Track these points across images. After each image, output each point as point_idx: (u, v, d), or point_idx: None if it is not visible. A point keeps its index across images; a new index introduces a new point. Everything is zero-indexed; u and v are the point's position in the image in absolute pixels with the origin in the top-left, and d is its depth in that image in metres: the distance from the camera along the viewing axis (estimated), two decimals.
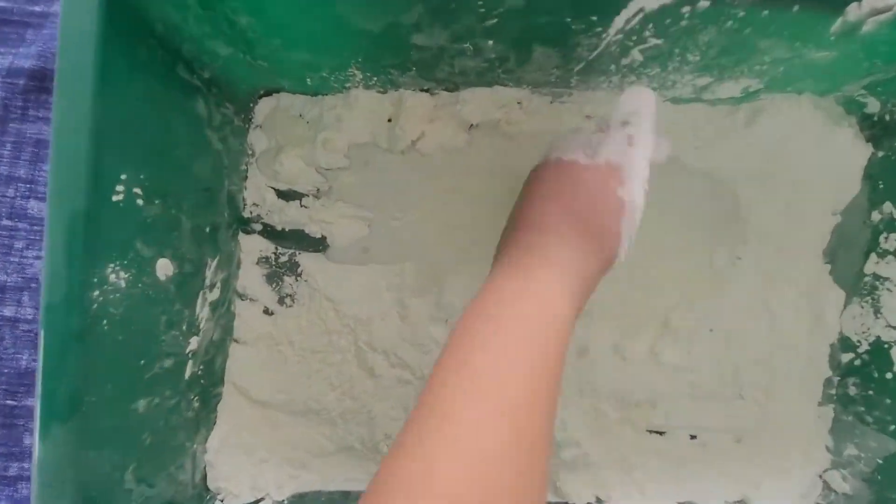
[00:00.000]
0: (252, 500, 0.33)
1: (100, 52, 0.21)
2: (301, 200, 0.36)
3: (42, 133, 0.37)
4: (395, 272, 0.36)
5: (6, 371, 0.35)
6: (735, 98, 0.34)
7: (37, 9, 0.37)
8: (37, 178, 0.37)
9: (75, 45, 0.21)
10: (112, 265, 0.23)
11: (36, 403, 0.21)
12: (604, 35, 0.26)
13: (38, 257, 0.36)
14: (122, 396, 0.24)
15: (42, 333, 0.21)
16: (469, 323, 0.23)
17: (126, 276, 0.24)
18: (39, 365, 0.21)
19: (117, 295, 0.23)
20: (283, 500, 0.33)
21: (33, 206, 0.36)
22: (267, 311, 0.35)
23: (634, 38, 0.27)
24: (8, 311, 0.35)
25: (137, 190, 0.24)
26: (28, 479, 0.35)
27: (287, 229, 0.36)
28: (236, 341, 0.35)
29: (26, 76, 0.36)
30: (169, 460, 0.28)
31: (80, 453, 0.22)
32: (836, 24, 0.25)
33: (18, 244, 0.36)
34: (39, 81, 0.37)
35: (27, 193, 0.36)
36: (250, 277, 0.35)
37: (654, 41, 0.27)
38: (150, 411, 0.26)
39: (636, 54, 0.28)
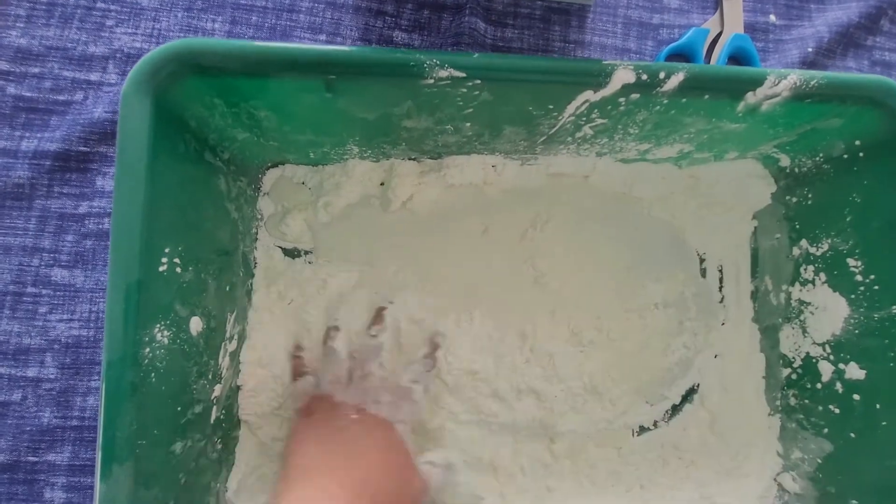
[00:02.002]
0: None
1: (150, 150, 0.26)
2: (305, 257, 0.40)
3: (65, 208, 0.40)
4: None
5: (28, 429, 0.38)
6: (673, 157, 0.41)
7: (60, 97, 0.42)
8: (60, 248, 0.40)
9: (132, 145, 0.26)
10: (159, 325, 0.27)
11: (98, 447, 0.24)
12: (559, 117, 0.33)
13: (60, 320, 0.39)
14: (164, 440, 0.28)
15: (103, 386, 0.25)
16: None
17: (168, 334, 0.28)
18: (101, 413, 0.24)
19: (162, 351, 0.27)
20: None
21: (56, 274, 0.40)
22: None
23: (584, 118, 0.33)
24: (31, 372, 0.38)
25: (177, 260, 0.29)
26: None
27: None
28: (239, 387, 0.38)
29: (51, 158, 0.40)
30: (198, 499, 0.31)
31: (133, 491, 0.25)
32: (741, 106, 0.32)
33: (42, 309, 0.39)
34: (64, 162, 0.41)
35: (51, 262, 0.40)
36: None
37: (599, 120, 0.33)
38: (184, 453, 0.30)
39: (587, 130, 0.35)
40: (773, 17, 0.46)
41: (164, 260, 0.27)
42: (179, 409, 0.29)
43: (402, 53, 0.27)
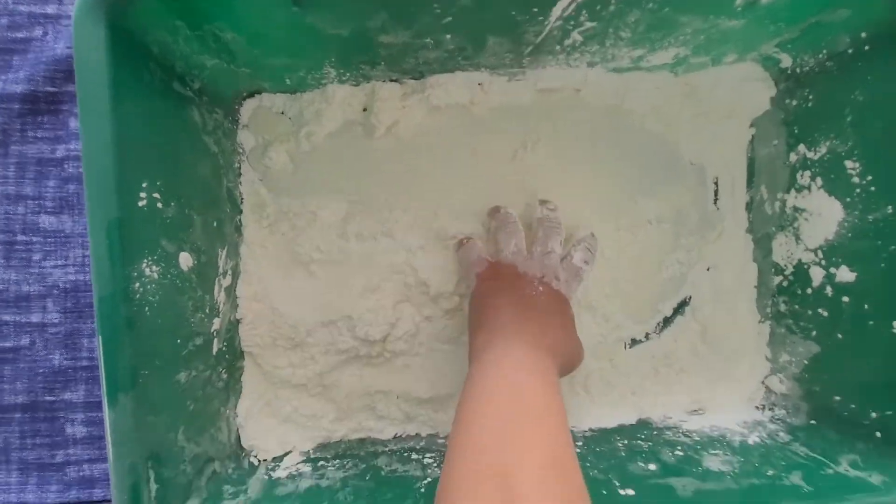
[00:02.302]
0: (281, 453, 0.38)
1: (111, 78, 0.25)
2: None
3: (42, 152, 0.40)
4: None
5: (41, 371, 0.39)
6: (668, 64, 0.38)
7: (19, 35, 0.39)
8: (44, 195, 0.40)
9: (90, 75, 0.25)
10: (146, 260, 0.27)
11: (101, 380, 0.25)
12: (545, 23, 0.31)
13: (55, 266, 0.40)
14: (167, 370, 0.29)
15: (98, 322, 0.25)
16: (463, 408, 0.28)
17: (157, 269, 0.28)
18: (99, 348, 0.25)
19: (153, 286, 0.27)
20: (308, 451, 0.39)
21: (44, 221, 0.40)
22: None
23: (572, 22, 0.31)
24: (35, 318, 0.39)
25: (156, 195, 0.28)
26: (73, 463, 0.39)
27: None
28: (239, 321, 0.39)
29: (19, 100, 0.39)
30: (209, 423, 0.33)
31: (140, 417, 0.26)
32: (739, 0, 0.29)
33: (36, 256, 0.39)
34: (32, 104, 0.39)
35: (37, 209, 0.39)
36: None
37: (589, 24, 0.31)
38: (189, 382, 0.31)
39: (576, 36, 0.33)
40: None
41: (143, 195, 0.27)
42: (179, 341, 0.30)
43: None
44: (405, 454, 0.38)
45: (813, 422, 0.38)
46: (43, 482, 0.39)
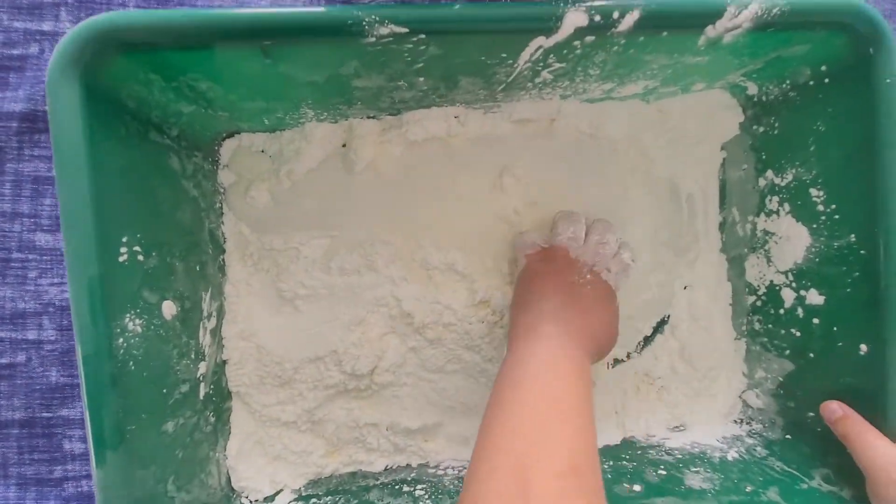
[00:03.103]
0: (272, 492, 0.38)
1: (87, 137, 0.25)
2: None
3: (39, 170, 0.39)
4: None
5: (38, 388, 0.39)
6: (639, 93, 0.40)
7: (15, 52, 0.39)
8: (40, 213, 0.39)
9: (66, 135, 0.25)
10: (129, 315, 0.27)
11: (88, 438, 0.25)
12: (515, 65, 0.31)
13: (51, 284, 0.39)
14: (154, 422, 0.29)
15: (83, 381, 0.25)
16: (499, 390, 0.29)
17: (140, 322, 0.28)
18: (85, 406, 0.25)
19: (136, 339, 0.28)
20: (300, 488, 0.39)
21: (40, 238, 0.39)
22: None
23: (541, 64, 0.32)
24: (31, 335, 0.39)
25: (137, 248, 0.28)
26: (71, 479, 0.39)
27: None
28: (225, 362, 0.39)
29: (18, 119, 0.38)
30: (199, 469, 0.33)
31: (129, 473, 0.26)
32: (701, 40, 0.30)
33: (31, 274, 0.39)
34: (31, 123, 0.39)
35: (33, 227, 0.39)
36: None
37: (557, 65, 0.32)
38: (177, 430, 0.31)
39: (546, 75, 0.33)
40: None
41: (124, 250, 0.27)
42: (165, 391, 0.30)
43: (337, 12, 0.25)
44: (396, 486, 0.38)
45: (788, 436, 0.39)
46: (41, 497, 0.39)
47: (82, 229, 0.25)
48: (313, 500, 0.37)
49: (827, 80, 0.34)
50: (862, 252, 0.32)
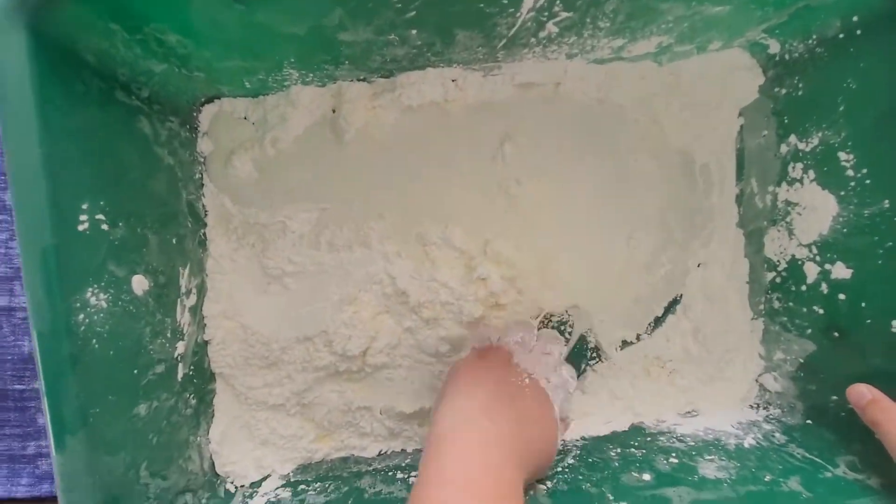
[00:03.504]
0: (259, 477, 0.36)
1: (37, 93, 0.23)
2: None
3: None
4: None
5: (10, 358, 0.37)
6: (652, 53, 0.36)
7: None
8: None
9: (13, 90, 0.22)
10: (91, 289, 0.25)
11: (46, 421, 0.23)
12: (517, 14, 0.28)
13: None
14: (123, 404, 0.27)
15: (39, 361, 0.23)
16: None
17: (105, 297, 0.26)
18: (42, 388, 0.23)
19: (101, 315, 0.25)
20: (288, 474, 0.37)
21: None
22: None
23: (546, 13, 0.29)
24: (1, 301, 0.36)
25: (100, 216, 0.26)
26: (46, 455, 0.37)
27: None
28: (207, 342, 0.36)
29: None
30: (177, 454, 0.31)
31: (94, 459, 0.24)
32: None
33: (2, 235, 0.37)
34: None
35: (3, 185, 0.37)
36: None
37: (564, 14, 0.29)
38: (151, 414, 0.29)
39: (551, 27, 0.30)
40: None
41: (84, 218, 0.25)
42: (136, 371, 0.28)
43: None
44: (390, 473, 0.36)
45: (809, 421, 0.37)
46: (13, 475, 0.37)
47: (33, 195, 0.23)
48: (302, 486, 0.35)
49: (859, 32, 0.31)
50: None
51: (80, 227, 0.24)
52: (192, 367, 0.33)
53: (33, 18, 0.22)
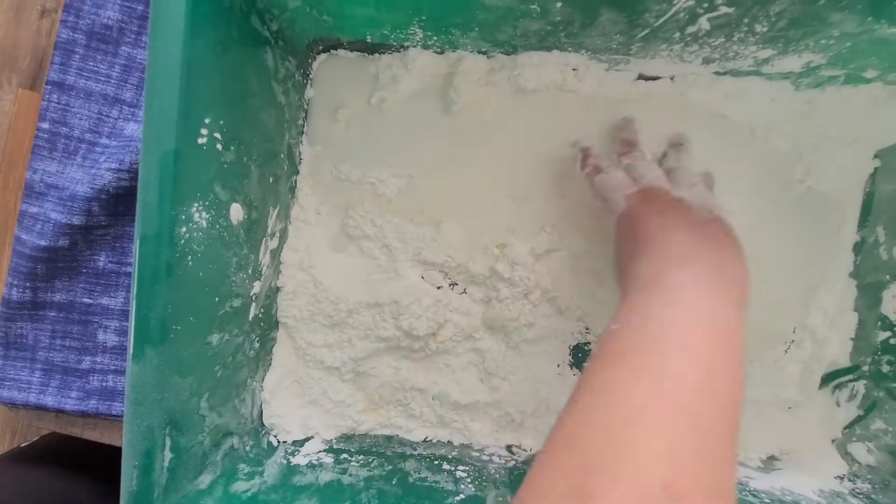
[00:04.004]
0: (303, 437, 0.35)
1: None
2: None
3: None
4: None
5: (84, 271, 0.37)
6: (794, 73, 0.34)
7: None
8: (140, 103, 0.37)
9: None
10: (196, 204, 0.24)
11: (130, 328, 0.22)
12: (675, 1, 0.27)
13: (108, 169, 0.36)
14: (200, 329, 0.26)
15: (136, 263, 0.22)
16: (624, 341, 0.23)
17: (207, 216, 0.25)
18: (133, 292, 0.22)
19: (199, 234, 0.25)
20: (332, 440, 0.35)
21: (129, 129, 0.37)
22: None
23: (706, 4, 0.27)
24: (77, 220, 0.36)
25: (217, 135, 0.25)
26: (99, 371, 0.37)
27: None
28: (279, 289, 0.36)
29: (145, 2, 0.37)
30: (234, 393, 0.30)
31: (166, 376, 0.23)
32: None
33: (102, 159, 0.37)
34: None
35: (129, 116, 0.37)
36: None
37: (724, 9, 0.27)
38: (221, 346, 0.28)
39: (703, 23, 0.28)
40: None
41: (204, 132, 0.24)
42: (217, 299, 0.27)
43: None
44: (435, 462, 0.34)
45: None
46: (64, 386, 0.37)
47: (166, 98, 0.22)
48: (344, 454, 0.33)
49: None
50: None
51: (200, 141, 0.24)
52: (262, 310, 0.33)
53: None
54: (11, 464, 0.43)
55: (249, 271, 0.30)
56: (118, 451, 0.38)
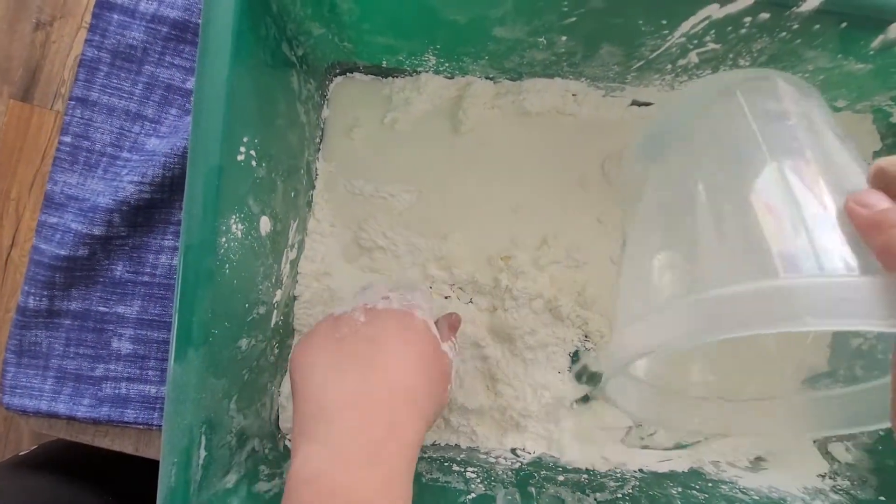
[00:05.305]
0: None
1: (236, 28, 0.24)
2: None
3: (174, 79, 0.39)
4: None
5: (101, 280, 0.38)
6: None
7: None
8: (162, 120, 0.39)
9: (218, 20, 0.24)
10: (234, 216, 0.26)
11: (172, 331, 0.24)
12: (668, 37, 0.30)
13: (131, 182, 0.37)
14: (233, 334, 0.28)
15: (181, 270, 0.24)
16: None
17: (242, 227, 0.27)
18: (177, 298, 0.24)
19: (235, 244, 0.26)
20: None
21: (151, 144, 0.39)
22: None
23: (696, 41, 0.30)
24: (97, 231, 0.37)
25: (252, 152, 0.27)
26: (112, 379, 0.38)
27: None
28: (296, 298, 0.38)
29: (169, 25, 0.39)
30: (257, 397, 0.32)
31: (205, 378, 0.25)
32: (877, 41, 0.28)
33: (124, 172, 0.38)
34: (181, 32, 0.39)
35: (150, 132, 0.39)
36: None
37: (712, 45, 0.30)
38: (249, 350, 0.29)
39: (693, 56, 0.32)
40: None
41: (242, 150, 0.26)
42: (247, 305, 0.29)
43: None
44: (445, 464, 0.36)
45: (882, 498, 0.35)
46: (77, 393, 0.38)
47: (212, 118, 0.24)
48: None
49: None
50: None
51: (239, 157, 0.26)
52: (281, 318, 0.34)
53: None
54: (14, 471, 0.43)
55: (273, 280, 0.32)
56: (121, 458, 0.39)
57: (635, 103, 0.39)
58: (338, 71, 0.38)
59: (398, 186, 0.39)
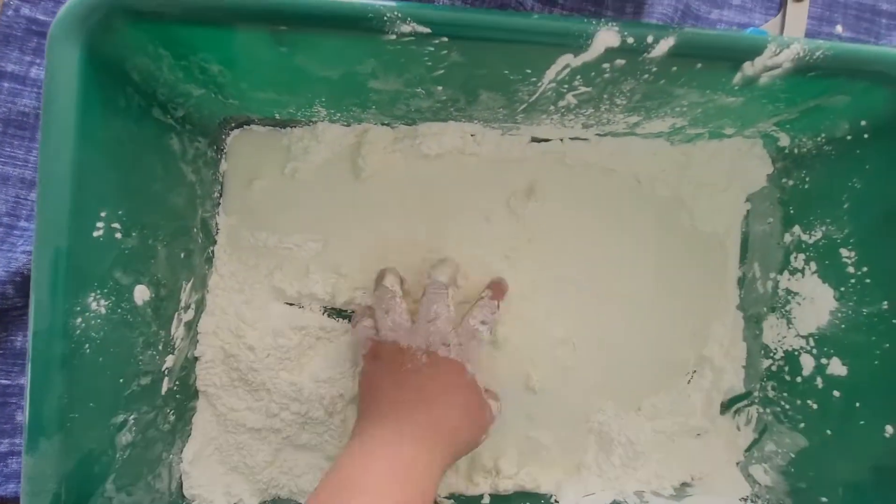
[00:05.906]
0: None
1: (80, 104, 0.24)
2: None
3: None
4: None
5: (1, 352, 0.37)
6: (665, 132, 0.38)
7: None
8: None
9: (59, 98, 0.24)
10: (93, 294, 0.25)
11: (24, 422, 0.23)
12: (539, 84, 0.30)
13: (24, 252, 0.36)
14: (103, 413, 0.27)
15: (30, 357, 0.23)
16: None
17: (106, 303, 0.26)
18: (27, 387, 0.23)
19: (98, 321, 0.26)
20: None
21: None
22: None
23: (566, 86, 0.30)
24: None
25: (116, 225, 0.27)
26: (18, 454, 0.36)
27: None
28: (196, 359, 0.36)
29: None
30: (147, 470, 0.31)
31: (63, 466, 0.24)
32: (737, 78, 0.29)
33: (19, 242, 0.37)
34: None
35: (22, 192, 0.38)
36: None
37: (583, 89, 0.30)
38: (128, 425, 0.28)
39: (570, 98, 0.32)
40: (839, 28, 0.42)
41: (100, 225, 0.26)
42: (122, 380, 0.28)
43: (358, 3, 0.24)
44: None
45: None
46: None
47: (57, 198, 0.24)
48: None
49: (866, 136, 0.32)
50: (894, 322, 0.30)
51: (96, 234, 0.25)
52: (177, 383, 0.33)
53: (90, 37, 0.24)
54: None
55: (160, 347, 0.31)
56: None
57: (535, 140, 0.39)
58: (233, 125, 0.38)
59: (303, 236, 0.38)
